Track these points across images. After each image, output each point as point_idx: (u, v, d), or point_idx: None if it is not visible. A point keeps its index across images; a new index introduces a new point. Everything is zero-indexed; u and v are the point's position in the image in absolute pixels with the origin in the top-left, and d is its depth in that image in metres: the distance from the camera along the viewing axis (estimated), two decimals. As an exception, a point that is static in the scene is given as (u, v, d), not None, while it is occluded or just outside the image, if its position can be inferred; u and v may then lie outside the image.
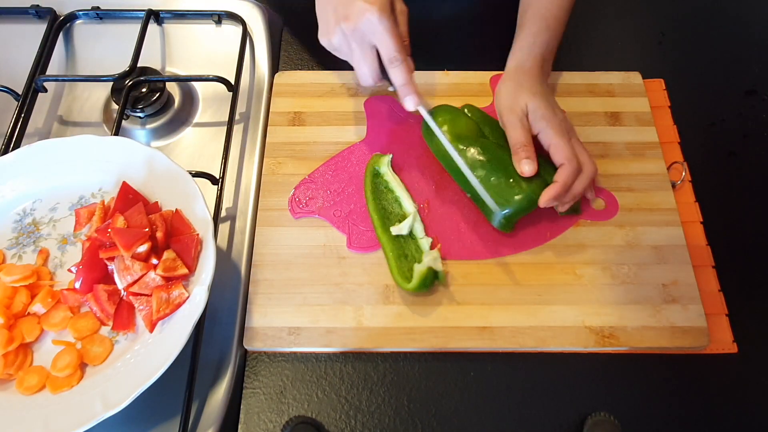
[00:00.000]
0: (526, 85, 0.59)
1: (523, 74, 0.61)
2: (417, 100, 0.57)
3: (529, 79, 0.60)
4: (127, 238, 0.50)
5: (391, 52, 0.54)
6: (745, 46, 0.76)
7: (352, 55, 0.56)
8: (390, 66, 0.55)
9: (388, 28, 0.53)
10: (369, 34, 0.54)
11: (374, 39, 0.54)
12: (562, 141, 0.56)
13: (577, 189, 0.56)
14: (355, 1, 0.53)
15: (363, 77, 0.57)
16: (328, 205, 0.62)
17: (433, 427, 0.54)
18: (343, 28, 0.54)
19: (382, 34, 0.53)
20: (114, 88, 0.66)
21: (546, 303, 0.57)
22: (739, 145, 0.69)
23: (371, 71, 0.56)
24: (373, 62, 0.56)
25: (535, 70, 0.61)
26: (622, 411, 0.54)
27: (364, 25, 0.53)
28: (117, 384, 0.48)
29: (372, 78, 0.57)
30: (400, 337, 0.56)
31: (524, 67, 0.61)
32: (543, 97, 0.58)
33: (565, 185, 0.55)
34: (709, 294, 0.59)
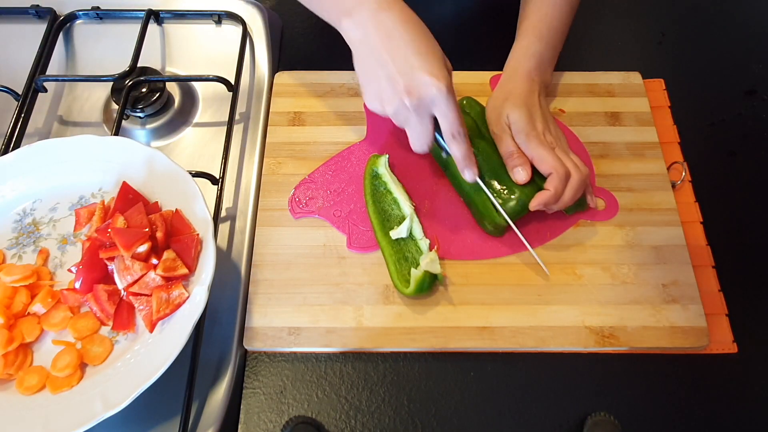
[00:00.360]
0: (510, 97, 0.60)
1: (509, 85, 0.62)
2: (476, 172, 0.56)
3: (515, 90, 0.61)
4: (127, 238, 0.50)
5: (455, 127, 0.53)
6: (745, 46, 0.76)
7: (408, 125, 0.54)
8: (453, 140, 0.54)
9: (452, 103, 0.52)
10: (432, 108, 0.52)
11: (437, 112, 0.53)
12: (543, 152, 0.56)
13: (567, 196, 0.56)
14: (416, 73, 0.50)
15: (417, 146, 0.55)
16: (328, 205, 0.62)
17: (433, 427, 0.54)
18: (405, 102, 0.51)
19: (448, 109, 0.52)
20: (114, 88, 0.66)
21: (546, 303, 0.57)
22: (739, 145, 0.69)
23: (428, 141, 0.55)
24: (432, 132, 0.54)
25: (523, 82, 0.61)
26: (622, 411, 0.54)
27: (430, 100, 0.51)
28: (117, 384, 0.47)
29: (426, 148, 0.55)
30: (400, 337, 0.56)
31: (513, 78, 0.62)
32: (524, 109, 0.59)
33: (557, 192, 0.55)
34: (709, 294, 0.59)
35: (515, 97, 0.60)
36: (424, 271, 0.55)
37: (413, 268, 0.56)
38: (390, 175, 0.62)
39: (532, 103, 0.60)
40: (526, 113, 0.59)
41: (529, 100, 0.60)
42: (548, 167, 0.56)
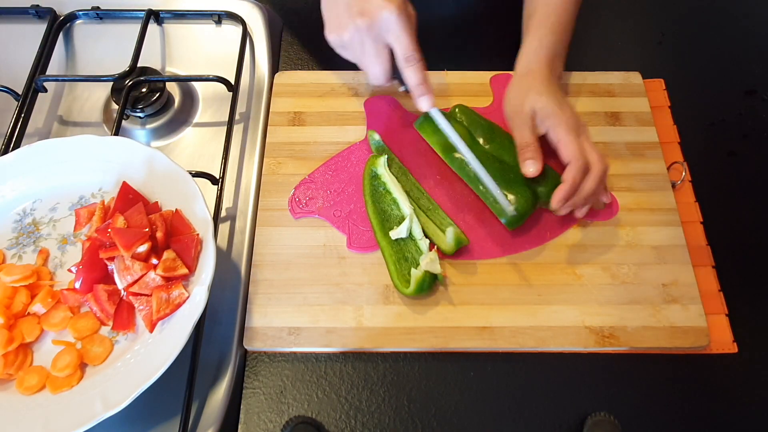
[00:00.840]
0: (533, 88, 0.59)
1: (530, 77, 0.61)
2: (432, 100, 0.57)
3: (536, 80, 0.60)
4: (127, 238, 0.50)
5: (407, 50, 0.54)
6: (745, 46, 0.76)
7: (364, 54, 0.56)
8: (406, 65, 0.55)
9: (405, 26, 0.53)
10: (385, 32, 0.54)
11: (390, 37, 0.54)
12: (569, 137, 0.56)
13: (587, 188, 0.55)
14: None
15: (374, 76, 0.57)
16: (328, 205, 0.62)
17: (433, 427, 0.54)
18: (358, 23, 0.53)
19: (400, 31, 0.53)
20: (114, 88, 0.66)
21: (546, 303, 0.57)
22: (739, 145, 0.69)
23: (384, 70, 0.56)
24: (387, 61, 0.56)
25: (542, 71, 0.60)
26: (622, 411, 0.54)
27: (382, 21, 0.53)
28: (117, 384, 0.48)
29: (383, 77, 0.57)
30: (400, 337, 0.56)
31: (531, 70, 0.61)
32: (550, 95, 0.58)
33: (574, 183, 0.54)
34: (709, 294, 0.59)
35: (538, 86, 0.59)
36: (424, 271, 0.55)
37: (413, 268, 0.56)
38: (389, 175, 0.62)
39: (556, 90, 0.60)
40: (552, 100, 0.58)
41: (552, 88, 0.59)
42: (569, 154, 0.55)
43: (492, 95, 0.69)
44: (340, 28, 0.55)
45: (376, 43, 0.55)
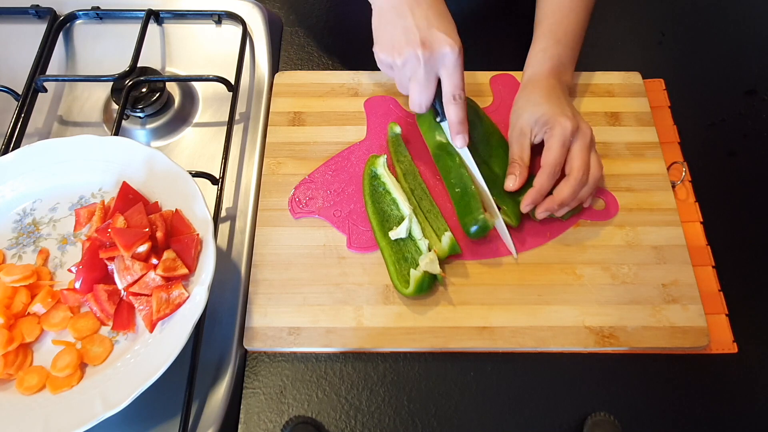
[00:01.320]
0: (532, 98, 0.60)
1: (531, 86, 0.61)
2: (467, 140, 0.59)
3: (537, 90, 0.60)
4: (127, 238, 0.50)
5: (456, 89, 0.56)
6: (745, 46, 0.76)
7: (414, 81, 0.56)
8: (452, 102, 0.56)
9: (460, 65, 0.55)
10: (440, 65, 0.55)
11: (443, 71, 0.55)
12: (554, 144, 0.57)
13: (562, 194, 0.56)
14: (433, 29, 0.54)
15: (416, 104, 0.58)
16: (328, 205, 0.62)
17: (433, 427, 0.54)
18: (418, 53, 0.53)
19: (455, 69, 0.55)
20: (114, 88, 0.66)
21: (546, 303, 0.57)
22: (739, 145, 0.69)
23: (429, 100, 0.57)
24: (433, 90, 0.57)
25: (546, 81, 0.61)
26: (622, 411, 0.54)
27: (442, 56, 0.54)
28: (117, 384, 0.47)
29: (426, 105, 0.57)
30: (400, 337, 0.56)
31: (534, 80, 0.62)
32: (551, 104, 0.59)
33: (540, 189, 0.57)
34: (709, 294, 0.59)
35: (538, 96, 0.60)
36: (423, 271, 0.55)
37: (413, 269, 0.56)
38: (389, 176, 0.62)
39: (556, 98, 0.60)
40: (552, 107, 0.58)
41: (553, 96, 0.60)
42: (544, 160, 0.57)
43: (492, 96, 0.69)
44: (395, 52, 0.55)
45: (429, 74, 0.55)
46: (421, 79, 0.55)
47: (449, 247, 0.57)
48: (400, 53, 0.55)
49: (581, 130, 0.58)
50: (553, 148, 0.57)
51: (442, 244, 0.57)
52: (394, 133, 0.65)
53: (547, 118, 0.58)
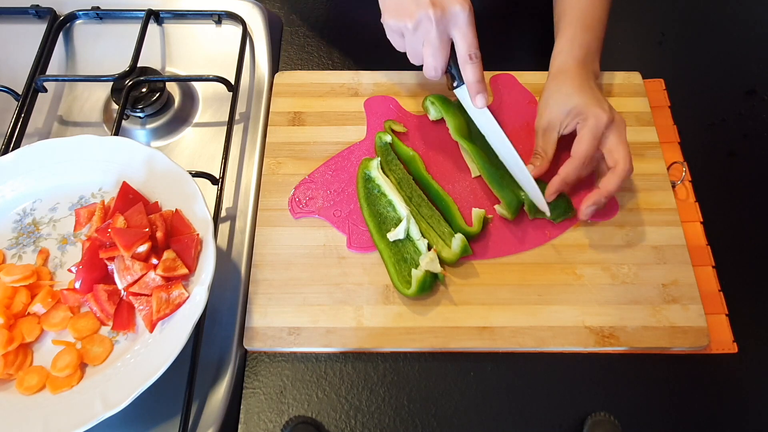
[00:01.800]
0: (563, 89, 0.60)
1: (561, 77, 0.61)
2: (487, 98, 0.58)
3: (567, 81, 0.60)
4: (127, 238, 0.50)
5: (471, 47, 0.55)
6: (745, 46, 0.76)
7: (427, 44, 0.55)
8: (468, 61, 0.56)
9: (472, 22, 0.54)
10: (453, 26, 0.54)
11: (456, 32, 0.55)
12: (585, 135, 0.56)
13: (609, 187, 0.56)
14: None
15: (432, 68, 0.57)
16: (328, 205, 0.62)
17: (433, 427, 0.54)
18: (429, 13, 0.53)
19: (468, 27, 0.54)
20: (114, 88, 0.66)
21: (546, 303, 0.57)
22: (739, 145, 0.69)
23: (443, 63, 0.56)
24: (447, 54, 0.56)
25: (574, 71, 0.61)
26: (622, 411, 0.54)
27: (453, 14, 0.53)
28: (117, 384, 0.47)
29: (441, 70, 0.57)
30: (400, 337, 0.56)
31: (562, 71, 0.61)
32: (582, 94, 0.58)
33: (565, 178, 0.57)
34: (709, 294, 0.59)
35: (568, 86, 0.59)
36: (425, 271, 0.55)
37: (413, 269, 0.56)
38: (383, 178, 0.62)
39: (587, 89, 0.59)
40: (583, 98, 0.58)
41: (584, 87, 0.59)
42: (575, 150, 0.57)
43: (492, 95, 0.69)
44: (405, 15, 0.54)
45: (441, 36, 0.55)
46: (435, 40, 0.55)
47: (461, 249, 0.57)
48: (411, 15, 0.54)
49: (616, 121, 0.57)
50: (585, 138, 0.56)
51: (452, 248, 0.57)
52: (383, 142, 0.65)
53: (580, 109, 0.57)
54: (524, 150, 0.65)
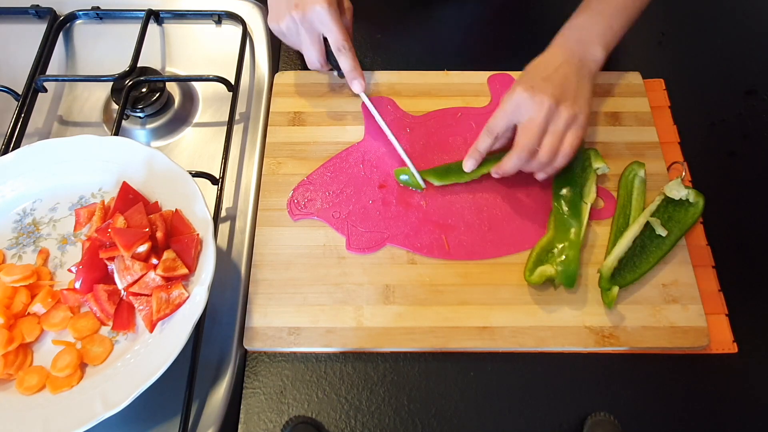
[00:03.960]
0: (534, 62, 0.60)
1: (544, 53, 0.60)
2: (363, 84, 0.64)
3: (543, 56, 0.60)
4: (127, 238, 0.50)
5: (338, 40, 0.61)
6: (745, 46, 0.76)
7: (301, 41, 0.62)
8: (338, 53, 0.61)
9: (334, 18, 0.59)
10: (317, 23, 0.60)
11: (322, 28, 0.60)
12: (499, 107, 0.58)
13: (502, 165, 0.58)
14: None
15: (310, 61, 0.63)
16: (327, 207, 0.62)
17: (433, 427, 0.54)
18: (293, 15, 0.59)
19: (331, 23, 0.59)
20: (114, 88, 0.66)
21: (546, 303, 0.57)
22: (739, 145, 0.69)
23: (318, 56, 0.63)
24: (320, 49, 0.62)
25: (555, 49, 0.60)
26: (622, 411, 0.54)
27: (313, 14, 0.59)
28: (117, 384, 0.48)
29: (318, 62, 0.63)
30: (400, 337, 0.56)
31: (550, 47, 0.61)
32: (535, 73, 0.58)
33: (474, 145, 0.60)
34: (709, 294, 0.59)
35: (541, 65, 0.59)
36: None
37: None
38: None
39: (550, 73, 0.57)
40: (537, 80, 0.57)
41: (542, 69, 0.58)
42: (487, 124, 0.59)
43: (490, 95, 0.69)
44: (278, 18, 0.61)
45: (310, 33, 0.61)
46: (305, 38, 0.61)
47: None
48: (282, 19, 0.61)
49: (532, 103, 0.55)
50: (498, 111, 0.58)
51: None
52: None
53: (518, 80, 0.59)
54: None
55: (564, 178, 0.62)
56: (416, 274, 0.59)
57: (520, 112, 0.57)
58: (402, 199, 0.63)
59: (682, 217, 0.60)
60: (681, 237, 0.60)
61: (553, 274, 0.56)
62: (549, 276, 0.56)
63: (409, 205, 0.62)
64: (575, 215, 0.59)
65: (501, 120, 0.58)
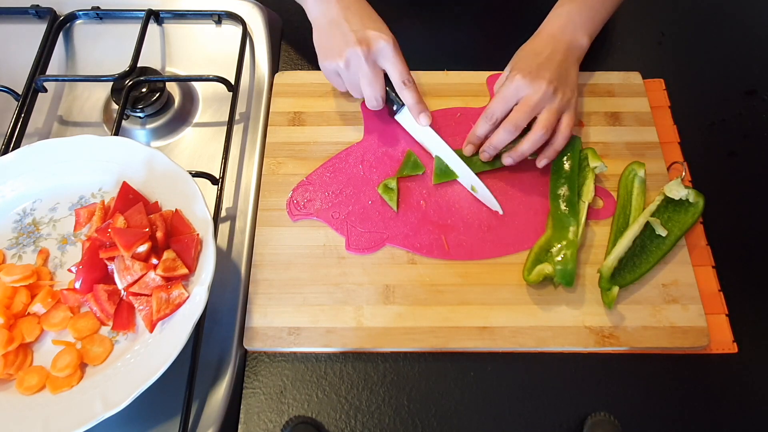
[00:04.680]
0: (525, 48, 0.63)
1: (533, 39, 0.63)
2: (430, 116, 0.63)
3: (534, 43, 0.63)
4: (127, 238, 0.50)
5: (403, 74, 0.60)
6: (745, 46, 0.76)
7: (361, 78, 0.60)
8: (403, 87, 0.61)
9: (398, 53, 0.60)
10: (382, 58, 0.60)
11: (386, 63, 0.60)
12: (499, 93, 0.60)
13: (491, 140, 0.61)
14: (368, 29, 0.59)
15: (371, 98, 0.61)
16: (327, 207, 0.62)
17: (433, 427, 0.54)
18: (357, 50, 0.58)
19: (395, 57, 0.60)
20: (114, 88, 0.66)
21: (546, 303, 0.57)
22: (739, 145, 0.69)
23: (380, 93, 0.61)
24: (383, 85, 0.61)
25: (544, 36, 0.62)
26: (622, 411, 0.54)
27: (379, 48, 0.59)
28: (117, 384, 0.48)
29: (380, 99, 0.61)
30: (400, 337, 0.56)
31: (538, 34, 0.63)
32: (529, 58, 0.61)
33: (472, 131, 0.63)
34: (709, 294, 0.59)
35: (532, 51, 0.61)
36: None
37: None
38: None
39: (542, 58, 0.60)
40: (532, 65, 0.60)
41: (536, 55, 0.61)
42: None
43: (489, 95, 0.69)
44: (338, 56, 0.60)
45: (373, 68, 0.60)
46: (368, 74, 0.60)
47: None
48: (341, 55, 0.60)
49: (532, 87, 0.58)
50: (496, 98, 0.60)
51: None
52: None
53: (511, 69, 0.60)
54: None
55: (562, 178, 0.62)
56: (416, 274, 0.59)
57: (519, 97, 0.59)
58: (401, 200, 0.63)
59: (682, 217, 0.60)
60: (681, 237, 0.60)
61: (552, 273, 0.56)
62: (547, 274, 0.56)
63: (409, 205, 0.62)
64: (573, 214, 0.60)
65: (500, 105, 0.60)
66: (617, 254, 0.57)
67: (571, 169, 0.62)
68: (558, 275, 0.56)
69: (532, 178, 0.64)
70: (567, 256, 0.57)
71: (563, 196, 0.61)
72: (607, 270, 0.56)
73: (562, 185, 0.61)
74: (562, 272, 0.56)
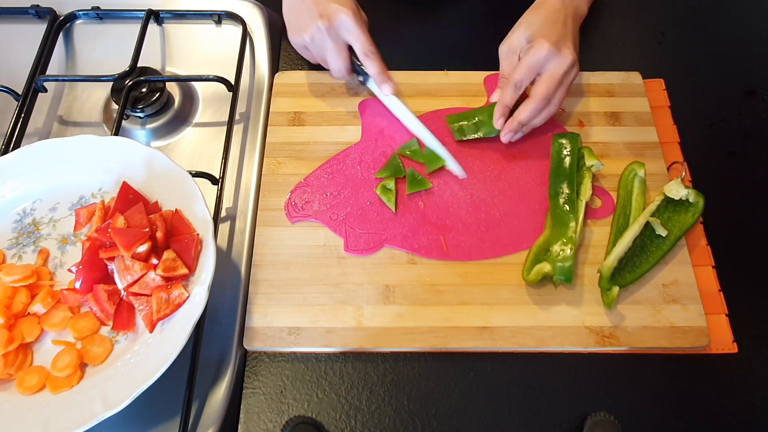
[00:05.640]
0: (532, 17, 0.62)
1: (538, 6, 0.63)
2: (393, 86, 0.65)
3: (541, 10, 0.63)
4: (127, 238, 0.50)
5: (365, 46, 0.62)
6: (745, 46, 0.76)
7: (326, 51, 0.63)
8: (366, 58, 0.63)
9: (359, 25, 0.61)
10: (344, 31, 0.61)
11: (349, 36, 0.62)
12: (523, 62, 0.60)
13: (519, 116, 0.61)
14: (329, 3, 0.61)
15: (336, 70, 0.64)
16: (325, 209, 0.62)
17: (433, 427, 0.54)
18: (319, 24, 0.61)
19: (357, 30, 0.61)
20: (114, 88, 0.66)
21: (546, 303, 0.57)
22: (739, 145, 0.69)
23: (345, 64, 0.64)
24: (347, 57, 0.63)
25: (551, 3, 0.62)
26: (622, 411, 0.54)
27: (340, 21, 0.60)
28: (117, 384, 0.48)
29: (344, 70, 0.64)
30: (400, 337, 0.56)
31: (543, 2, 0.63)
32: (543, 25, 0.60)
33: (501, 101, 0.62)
34: (709, 294, 0.59)
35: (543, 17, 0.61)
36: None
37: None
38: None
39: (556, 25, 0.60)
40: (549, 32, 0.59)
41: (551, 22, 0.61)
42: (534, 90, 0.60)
43: (487, 95, 0.69)
44: (303, 30, 0.63)
45: (336, 41, 0.62)
46: (331, 47, 0.62)
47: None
48: (306, 30, 0.62)
49: (560, 57, 0.59)
50: (521, 66, 0.60)
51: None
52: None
53: (532, 36, 0.60)
54: (521, 148, 0.65)
55: (561, 176, 0.62)
56: (416, 274, 0.59)
57: (545, 66, 0.59)
58: (400, 200, 0.63)
59: (682, 217, 0.60)
60: (681, 237, 0.60)
61: (550, 271, 0.56)
62: (546, 273, 0.56)
63: (407, 206, 0.62)
64: (571, 212, 0.60)
65: (528, 74, 0.60)
66: (617, 254, 0.57)
67: (570, 168, 0.62)
68: (557, 271, 0.56)
69: (531, 178, 0.64)
70: (566, 252, 0.57)
71: (562, 195, 0.61)
72: (607, 270, 0.56)
73: (561, 183, 0.61)
74: (561, 268, 0.56)
